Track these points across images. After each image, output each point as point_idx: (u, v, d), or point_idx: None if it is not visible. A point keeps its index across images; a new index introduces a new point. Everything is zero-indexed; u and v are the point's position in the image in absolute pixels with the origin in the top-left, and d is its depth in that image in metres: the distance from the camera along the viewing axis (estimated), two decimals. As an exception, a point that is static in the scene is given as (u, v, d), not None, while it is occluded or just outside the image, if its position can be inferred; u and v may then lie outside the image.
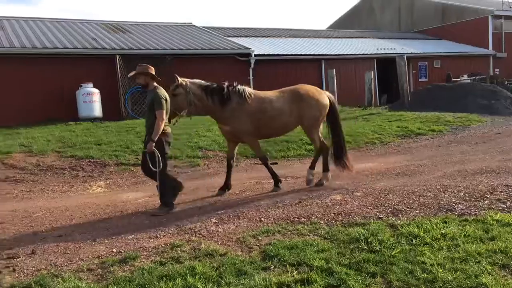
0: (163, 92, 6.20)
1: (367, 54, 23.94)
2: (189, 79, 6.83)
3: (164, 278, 3.90)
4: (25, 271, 4.27)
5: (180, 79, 6.68)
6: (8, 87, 14.63)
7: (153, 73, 6.29)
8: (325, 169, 7.41)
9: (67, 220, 6.14)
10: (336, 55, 22.81)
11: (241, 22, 77.46)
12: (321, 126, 7.57)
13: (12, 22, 18.70)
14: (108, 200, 7.16)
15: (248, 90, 7.05)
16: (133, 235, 5.22)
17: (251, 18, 74.30)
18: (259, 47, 21.43)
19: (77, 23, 20.23)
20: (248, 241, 4.79)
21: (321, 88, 21.27)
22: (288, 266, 4.08)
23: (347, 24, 35.72)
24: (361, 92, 20.71)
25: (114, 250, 4.73)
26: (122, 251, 4.69)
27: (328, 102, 7.35)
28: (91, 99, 15.27)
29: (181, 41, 19.41)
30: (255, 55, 19.51)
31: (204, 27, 24.08)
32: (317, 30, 31.68)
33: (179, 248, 4.66)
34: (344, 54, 23.22)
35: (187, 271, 4.02)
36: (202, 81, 6.93)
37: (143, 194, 7.57)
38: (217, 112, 6.88)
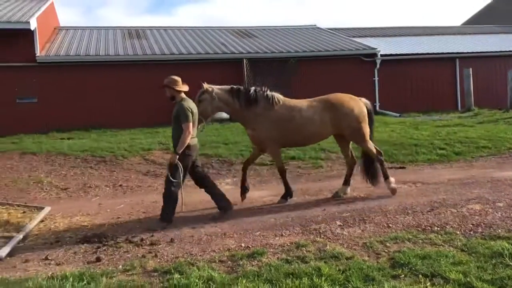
0: (189, 104, 6.06)
1: (511, 51, 21.53)
2: (216, 86, 6.81)
3: (291, 276, 3.96)
4: (165, 257, 4.67)
5: (206, 85, 6.63)
6: (150, 91, 16.14)
7: (177, 85, 6.13)
8: (386, 176, 7.01)
9: (199, 213, 6.57)
10: (472, 52, 20.92)
11: (367, 22, 75.21)
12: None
13: (154, 31, 20.66)
14: (238, 197, 7.46)
15: (278, 96, 6.96)
16: (259, 232, 5.39)
17: (377, 18, 71.88)
18: (385, 46, 20.62)
19: (209, 30, 21.61)
20: (376, 246, 4.64)
21: (455, 88, 19.93)
22: (420, 276, 3.85)
23: (484, 19, 32.56)
24: (502, 92, 18.73)
25: (243, 244, 4.93)
26: (250, 246, 4.87)
27: (365, 110, 7.10)
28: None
29: (304, 43, 19.57)
30: (381, 55, 18.83)
31: (328, 28, 23.97)
32: (450, 27, 29.43)
33: (304, 248, 4.69)
34: (482, 52, 21.19)
35: (313, 271, 4.03)
36: (227, 86, 6.92)
37: (268, 193, 7.78)
38: (243, 115, 6.86)
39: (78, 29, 20.34)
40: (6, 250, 4.90)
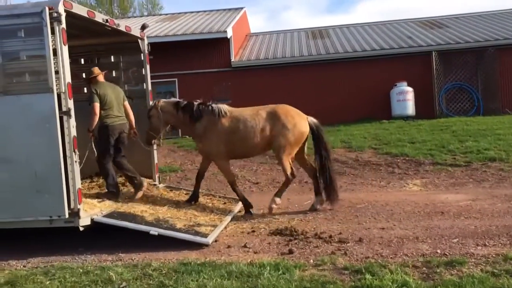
0: (97, 86, 6.41)
1: None
2: (164, 99, 7.01)
3: (500, 292, 3.52)
4: (354, 256, 4.64)
5: (155, 101, 6.92)
6: (334, 89, 16.33)
7: (90, 75, 6.56)
8: (277, 194, 6.85)
9: (388, 214, 6.35)
10: None
11: None
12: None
13: (336, 30, 20.79)
14: (426, 199, 7.03)
15: (225, 108, 6.83)
16: (457, 239, 4.96)
17: None
18: None
19: (393, 24, 20.74)
20: None
21: None
22: None
23: None
24: None
25: (439, 251, 4.59)
26: (447, 253, 4.51)
27: (307, 129, 6.79)
28: (405, 98, 15.38)
29: (507, 29, 17.21)
30: None
31: (537, 10, 20.62)
32: None
33: (515, 262, 4.13)
34: None
35: (528, 290, 3.51)
36: (176, 99, 7.12)
37: (464, 197, 7.08)
38: (189, 128, 6.95)
39: (266, 34, 21.78)
40: (212, 237, 5.52)
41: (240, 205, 7.38)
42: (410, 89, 15.38)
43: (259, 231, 5.91)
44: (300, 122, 6.78)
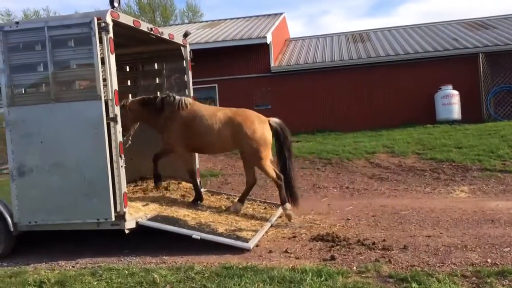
0: None
1: None
2: (133, 99, 7.08)
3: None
4: (399, 264, 4.53)
5: (123, 101, 6.77)
6: (374, 93, 16.07)
7: None
8: (282, 202, 6.64)
9: (434, 221, 6.16)
10: None
11: None
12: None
13: (378, 33, 20.43)
14: (475, 207, 6.78)
15: (186, 100, 6.90)
16: (509, 248, 4.77)
17: None
18: None
19: (437, 26, 20.16)
20: None
21: None
22: None
23: None
24: None
25: (489, 260, 4.42)
26: (498, 263, 4.33)
27: (269, 133, 6.72)
28: (450, 101, 14.91)
29: (560, 28, 16.39)
30: None
31: None
32: None
33: None
34: None
35: None
36: (141, 97, 7.13)
37: (516, 204, 6.78)
38: (153, 121, 6.92)
39: (305, 39, 21.71)
40: (254, 241, 5.54)
41: (280, 210, 7.37)
42: (455, 92, 14.90)
43: (300, 236, 5.88)
44: (259, 127, 6.70)
